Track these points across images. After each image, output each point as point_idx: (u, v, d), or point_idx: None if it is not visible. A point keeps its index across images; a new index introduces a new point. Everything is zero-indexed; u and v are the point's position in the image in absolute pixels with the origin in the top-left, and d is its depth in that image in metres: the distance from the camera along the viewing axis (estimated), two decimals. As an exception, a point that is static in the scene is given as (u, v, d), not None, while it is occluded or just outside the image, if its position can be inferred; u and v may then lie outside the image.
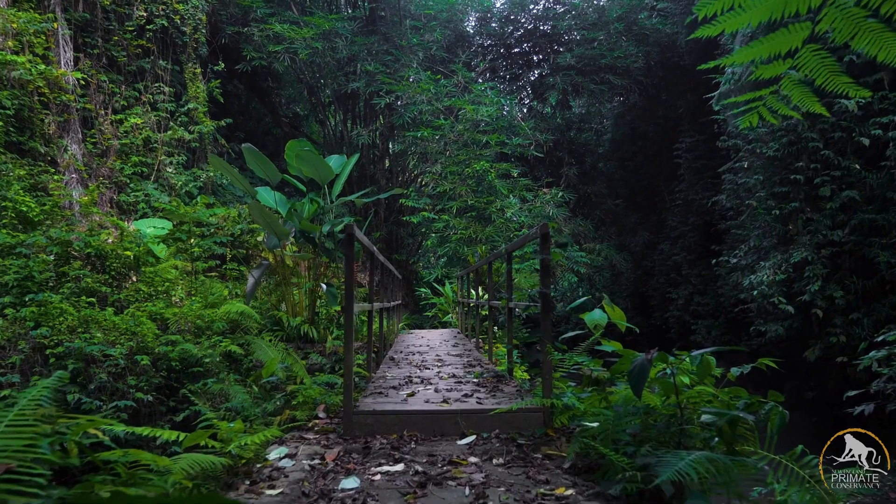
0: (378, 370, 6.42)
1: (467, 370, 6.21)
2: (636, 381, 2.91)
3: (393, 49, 15.61)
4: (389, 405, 4.32)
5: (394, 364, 6.84)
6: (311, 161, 10.49)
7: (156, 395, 8.29)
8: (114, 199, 12.43)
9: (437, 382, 5.36)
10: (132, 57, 13.62)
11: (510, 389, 4.94)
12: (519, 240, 4.85)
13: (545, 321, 4.22)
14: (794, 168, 11.31)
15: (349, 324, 4.20)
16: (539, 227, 4.24)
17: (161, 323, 9.41)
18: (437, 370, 6.23)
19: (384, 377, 5.75)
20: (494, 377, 5.58)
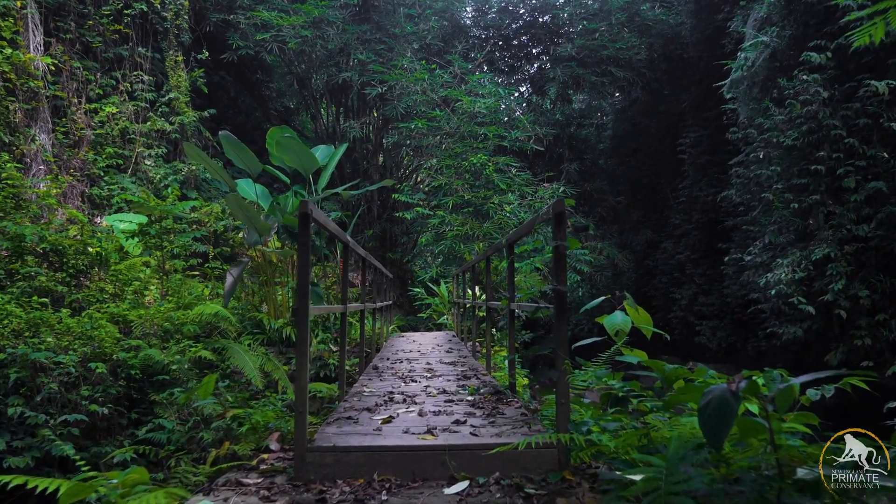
0: (357, 382, 5.33)
1: (461, 383, 5.11)
2: (715, 425, 1.83)
3: (386, 38, 14.53)
4: (356, 438, 3.23)
5: (376, 375, 5.74)
6: (292, 149, 9.39)
7: (113, 406, 7.23)
8: (85, 193, 11.34)
9: (423, 402, 4.26)
10: (109, 43, 12.52)
11: (513, 412, 3.85)
12: (525, 224, 3.76)
13: (560, 328, 3.13)
14: (814, 158, 10.23)
15: (302, 332, 3.11)
16: (552, 205, 3.16)
17: (124, 326, 8.32)
18: (426, 383, 5.14)
19: (361, 393, 4.65)
20: (493, 394, 4.49)
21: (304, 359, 3.10)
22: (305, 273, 3.13)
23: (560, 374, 3.07)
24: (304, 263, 3.14)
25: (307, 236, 3.15)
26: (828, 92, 10.06)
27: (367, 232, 15.53)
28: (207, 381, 3.85)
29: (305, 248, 3.15)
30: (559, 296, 3.14)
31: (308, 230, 3.15)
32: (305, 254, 3.15)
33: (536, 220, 3.37)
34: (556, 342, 3.11)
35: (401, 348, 8.37)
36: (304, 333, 3.12)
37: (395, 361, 6.83)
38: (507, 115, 15.30)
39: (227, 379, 8.90)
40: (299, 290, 3.13)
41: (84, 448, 6.82)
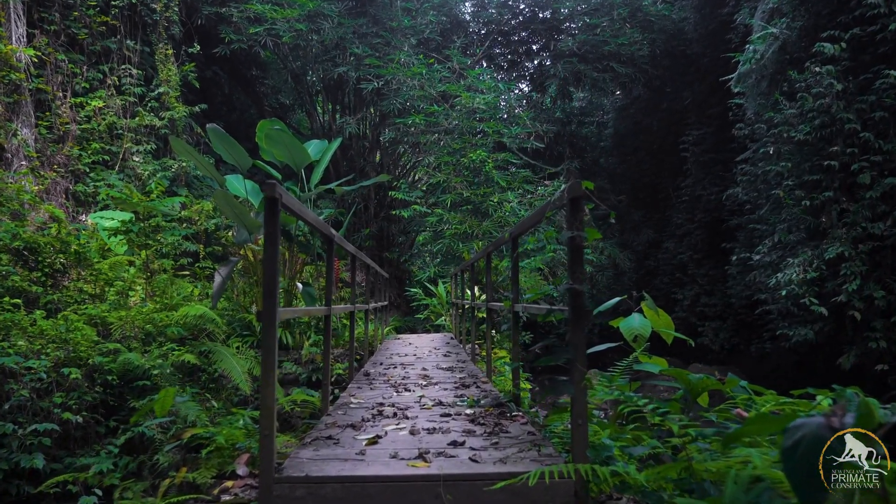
0: (345, 391, 4.79)
1: (459, 392, 4.58)
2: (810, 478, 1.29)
3: (383, 32, 13.99)
4: (335, 465, 2.69)
5: (367, 382, 5.20)
6: (283, 143, 8.86)
7: (89, 414, 6.69)
8: (69, 190, 10.79)
9: (416, 416, 3.72)
10: (96, 35, 11.97)
11: (518, 430, 3.31)
12: (534, 213, 3.21)
13: (576, 335, 2.59)
14: (827, 153, 9.71)
15: (268, 339, 2.58)
16: (567, 189, 2.62)
17: (103, 328, 7.78)
18: (420, 393, 4.60)
19: (347, 405, 4.11)
20: (495, 406, 3.95)
21: (271, 373, 2.56)
22: (272, 268, 2.59)
23: (577, 390, 2.54)
24: (271, 257, 2.60)
25: (275, 225, 2.62)
26: (842, 84, 9.54)
27: (363, 231, 15.00)
28: (163, 395, 3.32)
29: (273, 239, 2.61)
30: (575, 296, 2.60)
31: (276, 218, 2.62)
32: (273, 246, 2.61)
33: (548, 207, 2.83)
34: (572, 352, 2.58)
35: (396, 352, 7.83)
36: (270, 341, 2.58)
37: (389, 366, 6.29)
38: (507, 111, 14.78)
39: (213, 384, 8.37)
40: (266, 290, 2.59)
41: (57, 459, 6.27)
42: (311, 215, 3.27)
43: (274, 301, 2.58)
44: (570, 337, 2.61)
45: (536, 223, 3.28)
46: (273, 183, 2.57)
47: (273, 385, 2.56)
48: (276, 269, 2.59)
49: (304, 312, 3.48)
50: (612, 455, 2.58)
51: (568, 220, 2.64)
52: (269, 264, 2.59)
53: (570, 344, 2.61)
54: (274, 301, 2.58)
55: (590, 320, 2.65)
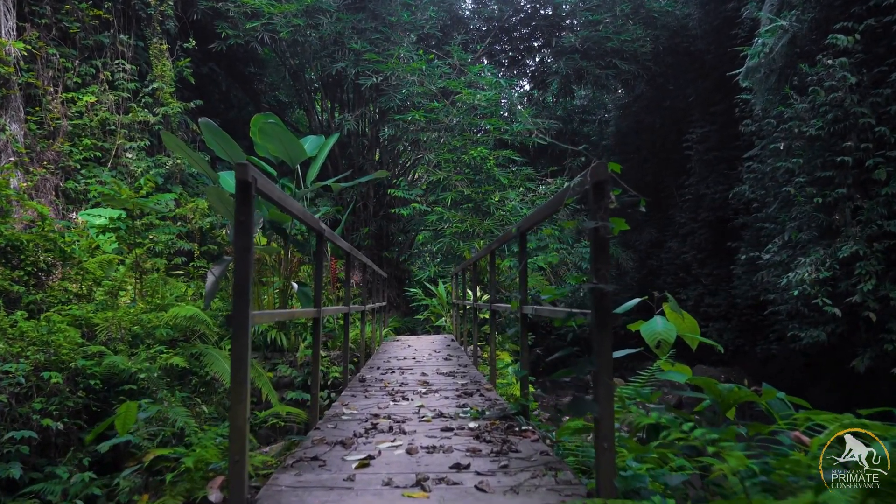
0: (337, 400, 4.37)
1: (461, 402, 4.16)
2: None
3: (382, 27, 13.57)
4: (319, 495, 2.27)
5: (362, 390, 4.78)
6: (277, 137, 8.44)
7: (70, 421, 6.29)
8: (59, 187, 10.37)
9: (413, 430, 3.30)
10: (88, 30, 11.55)
11: (529, 449, 2.89)
12: (549, 202, 2.79)
13: (601, 343, 2.18)
14: (840, 149, 9.29)
15: (240, 348, 2.16)
16: (590, 172, 2.21)
17: (88, 330, 7.37)
18: (419, 402, 4.18)
19: (339, 416, 3.69)
20: (501, 419, 3.53)
21: (242, 388, 2.15)
22: (244, 264, 2.18)
23: (604, 410, 2.12)
24: (243, 250, 2.19)
25: (248, 214, 2.20)
26: (855, 77, 9.12)
27: (362, 229, 14.58)
28: (125, 411, 2.90)
29: (245, 229, 2.20)
30: (600, 298, 2.19)
31: (249, 205, 2.20)
32: (245, 236, 2.19)
33: (566, 194, 2.42)
34: (596, 363, 2.16)
35: (394, 355, 7.42)
36: (241, 350, 2.16)
37: (386, 371, 5.87)
38: (509, 108, 14.36)
39: (204, 388, 7.96)
40: (237, 289, 2.18)
41: (37, 467, 5.86)
42: (295, 206, 2.85)
43: (246, 302, 2.16)
44: (594, 345, 2.20)
45: (552, 213, 2.86)
46: (245, 164, 2.16)
47: (245, 401, 2.15)
48: (248, 265, 2.18)
49: (287, 315, 3.03)
50: (644, 485, 2.16)
51: (591, 208, 2.22)
52: (241, 259, 2.18)
53: (593, 354, 2.20)
54: (246, 302, 2.16)
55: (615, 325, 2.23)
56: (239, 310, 2.16)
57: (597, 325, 2.19)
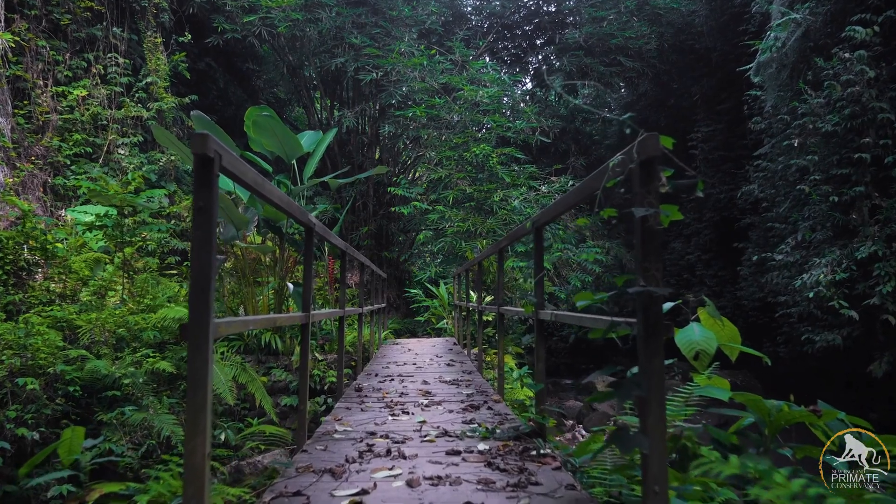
0: (330, 414, 3.91)
1: (467, 416, 3.70)
2: None
3: (383, 22, 13.12)
4: (297, 547, 1.80)
5: (357, 401, 4.31)
6: (272, 131, 7.98)
7: (48, 430, 5.84)
8: (48, 183, 9.91)
9: (415, 454, 2.84)
10: (80, 22, 11.08)
11: (551, 480, 2.43)
12: (581, 187, 2.30)
13: (651, 359, 1.71)
14: (857, 145, 8.83)
15: (198, 363, 1.70)
16: (637, 146, 1.76)
17: (70, 332, 6.91)
18: (421, 416, 3.71)
19: (330, 435, 3.23)
20: (515, 438, 3.07)
21: (201, 415, 1.68)
22: (205, 260, 1.72)
23: (656, 444, 1.66)
24: (205, 240, 1.72)
25: (210, 198, 1.74)
26: (874, 71, 8.67)
27: (361, 229, 14.11)
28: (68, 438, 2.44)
29: (207, 215, 1.73)
30: (651, 304, 1.72)
31: (210, 188, 1.74)
32: (205, 226, 1.73)
33: (603, 176, 1.95)
34: (644, 386, 1.70)
35: (393, 360, 6.95)
36: (201, 367, 1.70)
37: (385, 379, 5.41)
38: (512, 106, 13.92)
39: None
40: (194, 290, 1.72)
41: (11, 479, 5.40)
42: (275, 193, 2.39)
43: (206, 308, 1.70)
44: (641, 362, 1.73)
45: (580, 203, 2.40)
46: (204, 134, 1.69)
47: (204, 433, 1.68)
48: (209, 263, 1.71)
49: (264, 322, 2.45)
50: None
51: (638, 191, 1.76)
52: (201, 255, 1.71)
53: (640, 374, 1.73)
54: (206, 308, 1.70)
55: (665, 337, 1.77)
56: (197, 318, 1.70)
57: (645, 337, 1.73)
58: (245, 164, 2.00)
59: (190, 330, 1.70)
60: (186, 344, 1.71)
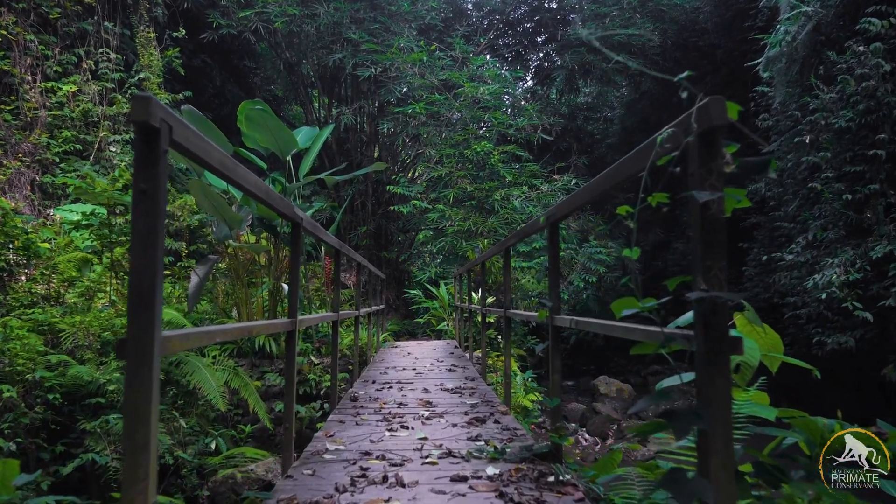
0: (321, 430, 3.52)
1: (472, 430, 3.32)
2: None
3: (381, 17, 12.74)
4: None
5: (352, 412, 3.93)
6: (266, 125, 7.59)
7: (26, 439, 5.47)
8: (36, 181, 9.52)
9: (415, 478, 2.46)
10: (70, 16, 10.70)
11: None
12: (617, 168, 1.92)
13: (714, 381, 1.33)
14: (872, 141, 8.47)
15: (138, 386, 1.31)
16: (697, 113, 1.38)
17: (52, 336, 6.52)
18: (421, 432, 3.33)
19: (320, 455, 2.85)
20: (527, 460, 2.69)
21: (142, 457, 1.30)
22: (149, 260, 1.33)
23: (721, 494, 1.28)
24: (149, 233, 1.34)
25: (155, 179, 1.36)
26: (890, 64, 8.31)
27: (360, 229, 13.73)
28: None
29: (152, 203, 1.35)
30: (712, 312, 1.35)
31: (157, 164, 1.36)
32: (152, 216, 1.35)
33: (648, 153, 1.57)
34: (707, 419, 1.32)
35: (392, 365, 6.57)
36: (142, 397, 1.32)
37: (383, 386, 5.03)
38: (513, 103, 13.55)
39: (183, 399, 7.11)
40: (134, 300, 1.33)
41: (-14, 493, 4.98)
42: (249, 179, 2.00)
43: (150, 319, 1.32)
44: (700, 387, 1.36)
45: (609, 190, 2.01)
46: (147, 97, 1.31)
47: (146, 479, 1.30)
48: (155, 259, 1.33)
49: (239, 332, 1.99)
50: None
51: (696, 170, 1.38)
52: (143, 248, 1.33)
53: (700, 401, 1.36)
54: (150, 319, 1.32)
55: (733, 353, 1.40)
56: (137, 332, 1.32)
57: (706, 354, 1.35)
58: (207, 141, 1.62)
59: (128, 347, 1.31)
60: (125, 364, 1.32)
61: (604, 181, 1.99)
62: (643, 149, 1.59)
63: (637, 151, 1.63)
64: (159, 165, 1.36)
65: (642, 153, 1.59)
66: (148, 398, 1.32)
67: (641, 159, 1.58)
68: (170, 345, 1.44)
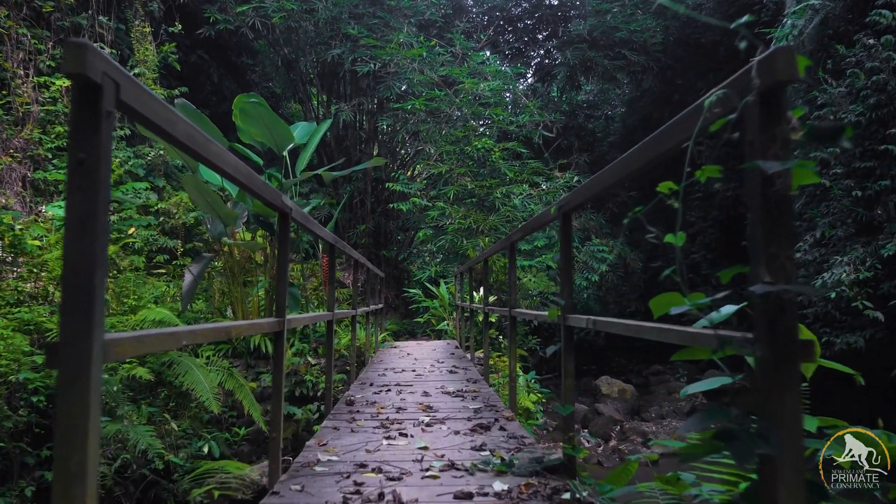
0: (312, 439, 3.26)
1: (476, 438, 3.06)
2: None
3: (381, 12, 12.48)
4: None
5: (348, 418, 3.67)
6: (261, 119, 7.33)
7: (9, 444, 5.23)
8: (27, 177, 9.25)
9: (415, 496, 2.20)
10: (64, 10, 10.42)
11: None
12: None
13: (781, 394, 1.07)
14: (882, 136, 8.22)
15: (73, 408, 1.05)
16: (757, 66, 1.11)
17: (39, 337, 6.28)
18: (421, 440, 3.07)
19: (311, 467, 2.59)
20: (538, 474, 2.43)
21: (81, 488, 1.04)
22: (90, 244, 1.07)
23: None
24: (87, 215, 1.08)
25: (97, 147, 1.10)
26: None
27: (359, 227, 13.46)
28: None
29: (93, 177, 1.09)
30: (778, 310, 1.09)
31: (98, 129, 1.10)
32: (91, 192, 1.09)
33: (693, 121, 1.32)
34: (774, 443, 1.06)
35: (391, 366, 6.30)
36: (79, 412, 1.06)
37: (381, 389, 4.77)
38: (514, 100, 13.29)
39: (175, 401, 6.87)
40: (68, 299, 1.07)
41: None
42: (226, 159, 1.74)
43: (89, 318, 1.06)
44: (764, 403, 1.10)
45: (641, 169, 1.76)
46: (83, 45, 1.05)
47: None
48: (96, 247, 1.07)
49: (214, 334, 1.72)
50: None
51: (758, 136, 1.13)
52: (80, 233, 1.07)
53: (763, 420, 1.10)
54: (89, 318, 1.06)
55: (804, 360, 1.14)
56: (74, 336, 1.06)
57: (772, 362, 1.09)
58: (170, 109, 1.35)
59: (61, 354, 1.06)
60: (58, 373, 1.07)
61: (637, 157, 1.73)
62: (688, 114, 1.34)
63: (680, 118, 1.38)
64: (101, 130, 1.10)
65: (687, 120, 1.33)
66: (86, 416, 1.06)
67: (686, 127, 1.32)
68: (116, 349, 1.18)
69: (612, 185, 1.89)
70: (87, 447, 1.06)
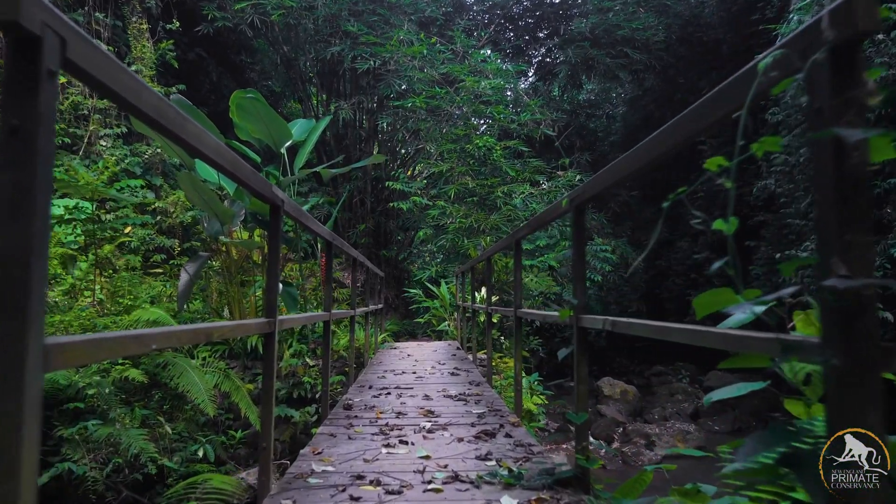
0: (307, 447, 3.06)
1: (481, 447, 2.86)
2: None
3: (381, 9, 12.30)
4: None
5: (345, 423, 3.47)
6: (258, 115, 7.14)
7: None
8: (21, 175, 9.07)
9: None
10: (60, 6, 10.23)
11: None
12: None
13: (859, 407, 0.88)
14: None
15: (7, 430, 0.84)
16: (828, 16, 0.91)
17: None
18: (423, 448, 2.88)
19: (304, 479, 2.39)
20: (550, 488, 2.24)
21: None
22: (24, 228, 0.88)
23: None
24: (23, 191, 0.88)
25: (34, 110, 0.90)
26: (911, 53, 7.87)
27: (358, 227, 13.27)
28: None
29: (28, 148, 0.89)
30: (856, 308, 0.90)
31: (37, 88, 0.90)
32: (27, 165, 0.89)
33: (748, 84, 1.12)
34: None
35: (391, 368, 6.11)
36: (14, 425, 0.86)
37: (380, 392, 4.57)
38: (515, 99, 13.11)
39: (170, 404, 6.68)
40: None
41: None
42: (206, 142, 1.55)
43: (24, 320, 0.87)
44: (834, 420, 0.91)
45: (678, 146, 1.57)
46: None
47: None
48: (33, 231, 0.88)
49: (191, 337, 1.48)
50: None
51: (829, 101, 0.94)
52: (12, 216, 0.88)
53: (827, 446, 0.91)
54: (24, 320, 0.87)
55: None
56: (4, 341, 0.86)
57: (850, 370, 0.90)
58: (133, 76, 1.16)
59: None
60: None
61: (670, 133, 1.52)
62: (738, 79, 1.14)
63: (729, 83, 1.19)
64: (40, 92, 0.90)
65: (737, 86, 1.13)
66: (18, 436, 0.87)
67: (737, 94, 1.13)
68: (61, 357, 0.98)
69: (638, 169, 1.69)
70: (21, 473, 0.87)
